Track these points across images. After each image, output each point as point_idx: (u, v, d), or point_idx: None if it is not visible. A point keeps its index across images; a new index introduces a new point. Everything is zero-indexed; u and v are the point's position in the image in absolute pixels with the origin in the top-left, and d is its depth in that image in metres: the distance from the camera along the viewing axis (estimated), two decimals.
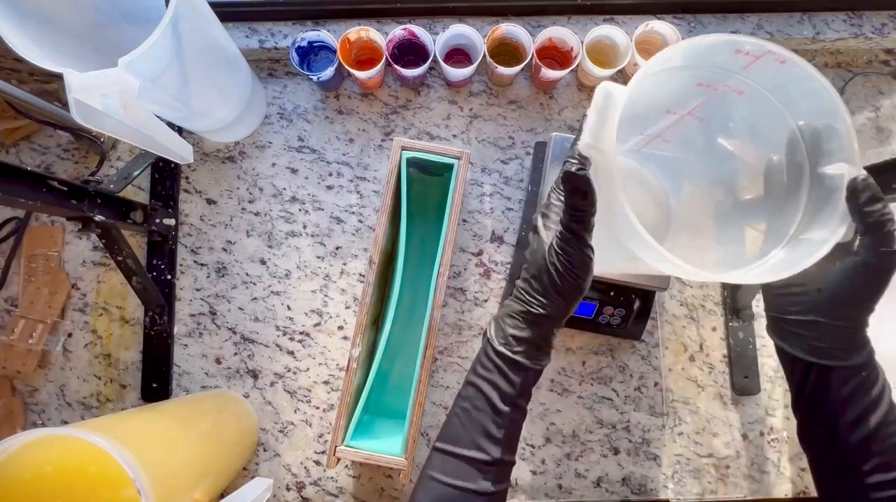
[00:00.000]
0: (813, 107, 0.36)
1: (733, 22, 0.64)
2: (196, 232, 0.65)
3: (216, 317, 0.63)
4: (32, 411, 0.62)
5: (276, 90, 0.67)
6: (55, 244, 0.64)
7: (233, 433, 0.56)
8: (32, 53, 0.41)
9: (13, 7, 0.42)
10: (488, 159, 0.66)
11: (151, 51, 0.41)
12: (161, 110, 0.52)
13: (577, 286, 0.36)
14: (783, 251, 0.37)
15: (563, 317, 0.37)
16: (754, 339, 0.62)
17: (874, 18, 0.64)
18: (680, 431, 0.61)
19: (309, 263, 0.64)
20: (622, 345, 0.62)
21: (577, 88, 0.67)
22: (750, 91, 0.39)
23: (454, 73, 0.61)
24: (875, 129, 0.66)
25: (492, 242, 0.64)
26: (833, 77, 0.67)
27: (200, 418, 0.53)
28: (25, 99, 0.53)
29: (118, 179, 0.57)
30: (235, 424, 0.58)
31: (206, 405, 0.58)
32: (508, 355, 0.37)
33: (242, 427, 0.58)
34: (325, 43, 0.63)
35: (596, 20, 0.65)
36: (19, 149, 0.67)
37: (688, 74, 0.40)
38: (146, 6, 0.53)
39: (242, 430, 0.58)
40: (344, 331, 0.63)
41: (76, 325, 0.63)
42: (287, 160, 0.66)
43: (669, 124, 0.46)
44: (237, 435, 0.57)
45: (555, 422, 0.61)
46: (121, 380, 0.63)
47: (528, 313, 0.37)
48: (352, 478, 0.60)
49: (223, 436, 0.54)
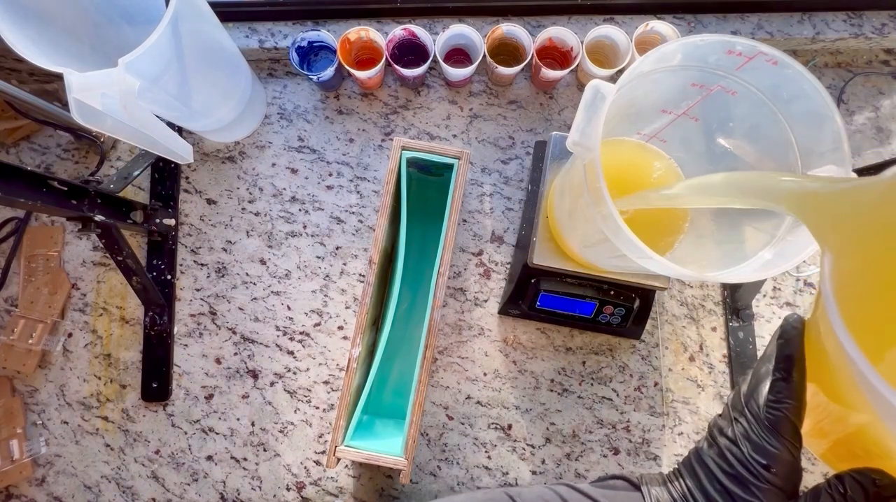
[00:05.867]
0: (805, 108, 0.36)
1: (733, 22, 0.64)
2: (196, 232, 0.65)
3: (216, 317, 0.63)
4: (32, 411, 0.62)
5: (276, 90, 0.67)
6: (55, 244, 0.64)
7: None
8: (32, 53, 0.41)
9: (13, 7, 0.42)
10: (488, 159, 0.66)
11: (151, 51, 0.41)
12: (161, 110, 0.52)
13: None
14: (770, 252, 0.37)
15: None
16: (754, 339, 0.62)
17: (874, 18, 0.64)
18: (680, 431, 0.61)
19: (309, 263, 0.64)
20: (622, 344, 0.62)
21: (577, 88, 0.67)
22: (743, 91, 0.39)
23: (454, 73, 0.62)
24: (875, 129, 0.66)
25: (492, 242, 0.64)
26: (833, 77, 0.67)
27: None
28: (25, 99, 0.53)
29: (118, 179, 0.57)
30: None
31: None
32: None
33: None
34: (325, 43, 0.63)
35: (596, 20, 0.65)
36: (19, 149, 0.67)
37: (682, 75, 0.40)
38: (146, 6, 0.53)
39: None
40: (344, 331, 0.63)
41: (76, 325, 0.63)
42: (287, 160, 0.66)
43: (665, 124, 0.46)
44: None
45: (555, 422, 0.61)
46: (121, 380, 0.63)
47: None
48: (352, 478, 0.60)
49: None
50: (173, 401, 0.62)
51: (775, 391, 0.30)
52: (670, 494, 0.35)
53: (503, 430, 0.61)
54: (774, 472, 0.30)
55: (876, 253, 0.24)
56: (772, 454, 0.30)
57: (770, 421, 0.30)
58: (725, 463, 0.32)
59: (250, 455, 0.61)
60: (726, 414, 0.34)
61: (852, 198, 0.25)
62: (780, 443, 0.30)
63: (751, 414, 0.31)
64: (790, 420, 0.30)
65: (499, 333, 0.63)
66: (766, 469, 0.30)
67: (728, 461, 0.31)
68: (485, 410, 0.61)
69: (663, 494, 0.35)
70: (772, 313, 0.63)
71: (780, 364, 0.31)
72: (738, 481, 0.31)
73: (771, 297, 0.63)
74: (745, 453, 0.31)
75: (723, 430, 0.33)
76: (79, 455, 0.61)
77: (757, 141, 0.41)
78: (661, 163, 0.49)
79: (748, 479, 0.30)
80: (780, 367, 0.31)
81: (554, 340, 0.62)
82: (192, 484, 0.60)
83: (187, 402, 0.62)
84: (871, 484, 0.27)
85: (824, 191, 0.26)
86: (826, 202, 0.26)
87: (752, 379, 0.33)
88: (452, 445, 0.60)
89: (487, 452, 0.60)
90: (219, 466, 0.61)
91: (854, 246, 0.24)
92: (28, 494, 0.61)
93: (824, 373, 0.29)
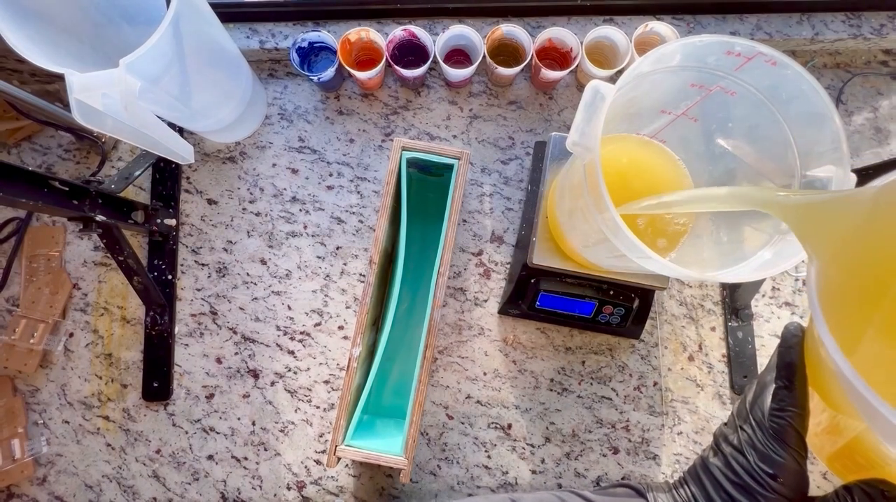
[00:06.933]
0: (804, 108, 0.36)
1: (732, 22, 0.65)
2: (197, 232, 0.65)
3: (217, 316, 0.64)
4: (34, 411, 0.62)
5: (277, 91, 0.68)
6: (56, 244, 0.65)
7: None
8: (33, 54, 0.41)
9: (14, 7, 0.42)
10: (488, 159, 0.66)
11: (152, 51, 0.41)
12: (162, 111, 0.52)
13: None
14: (769, 252, 0.37)
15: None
16: (753, 339, 0.62)
17: (873, 19, 0.65)
18: (679, 431, 0.61)
19: (309, 263, 0.64)
20: (622, 344, 0.62)
21: (576, 89, 0.67)
22: (743, 92, 0.39)
23: (454, 74, 0.62)
24: (873, 130, 0.66)
25: (492, 242, 0.64)
26: (832, 78, 0.67)
27: None
28: (27, 99, 0.54)
29: (119, 179, 0.57)
30: None
31: None
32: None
33: None
34: (326, 44, 0.63)
35: (595, 21, 0.65)
36: (21, 150, 0.67)
37: (682, 75, 0.40)
38: (147, 6, 0.53)
39: None
40: (344, 330, 0.63)
41: (77, 325, 0.64)
42: (287, 160, 0.66)
43: (664, 125, 0.47)
44: None
45: (554, 422, 0.61)
46: (122, 380, 0.63)
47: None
48: (352, 478, 0.60)
49: None
50: (174, 401, 0.62)
51: (778, 399, 0.30)
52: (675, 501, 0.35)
53: (503, 430, 0.61)
54: (781, 481, 0.30)
55: (858, 261, 0.25)
56: (778, 463, 0.30)
57: (774, 430, 0.30)
58: (731, 473, 0.32)
59: (251, 454, 0.61)
60: (731, 422, 0.34)
61: (837, 207, 0.26)
62: (786, 452, 0.30)
63: (755, 422, 0.31)
64: (794, 428, 0.30)
65: (499, 333, 0.63)
66: (772, 478, 0.30)
67: (734, 470, 0.31)
68: (485, 410, 0.61)
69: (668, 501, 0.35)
70: (771, 313, 0.63)
71: (781, 372, 0.31)
72: (745, 490, 0.31)
73: (770, 297, 0.63)
74: (751, 462, 0.31)
75: (728, 438, 0.33)
76: (80, 454, 0.61)
77: (756, 141, 0.41)
78: (663, 160, 0.49)
79: (754, 488, 0.30)
80: (782, 375, 0.31)
81: (554, 340, 0.63)
82: (192, 484, 0.61)
83: (188, 402, 0.62)
84: (879, 495, 0.27)
85: (810, 201, 0.27)
86: (812, 211, 0.26)
87: (756, 388, 0.33)
88: (452, 445, 0.61)
89: (487, 452, 0.61)
90: (219, 466, 0.61)
91: (839, 254, 0.25)
92: (29, 493, 0.61)
93: (822, 380, 0.29)
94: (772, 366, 0.32)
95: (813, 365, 0.30)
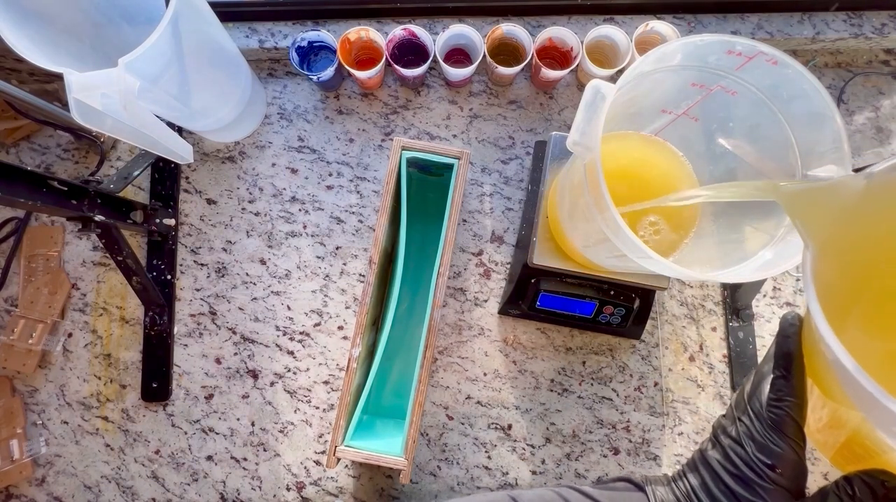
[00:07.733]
0: (805, 108, 0.36)
1: (733, 22, 0.64)
2: (196, 232, 0.65)
3: (216, 317, 0.63)
4: (32, 411, 0.62)
5: (276, 90, 0.67)
6: (55, 244, 0.64)
7: None
8: (32, 53, 0.41)
9: (13, 7, 0.42)
10: (488, 159, 0.66)
11: (151, 51, 0.41)
12: (161, 110, 0.52)
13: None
14: (770, 252, 0.37)
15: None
16: (754, 339, 0.62)
17: (874, 18, 0.64)
18: (680, 431, 0.61)
19: (309, 263, 0.64)
20: (622, 344, 0.62)
21: (577, 88, 0.67)
22: (744, 91, 0.39)
23: (454, 73, 0.62)
24: (875, 129, 0.66)
25: (492, 242, 0.64)
26: (833, 77, 0.67)
27: None
28: (25, 99, 0.53)
29: (118, 179, 0.57)
30: None
31: None
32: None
33: None
34: (325, 43, 0.63)
35: (596, 20, 0.65)
36: (19, 149, 0.67)
37: (682, 74, 0.40)
38: (146, 6, 0.53)
39: None
40: (344, 331, 0.63)
41: (76, 325, 0.63)
42: (287, 160, 0.66)
43: (665, 124, 0.46)
44: None
45: (555, 422, 0.61)
46: (121, 380, 0.63)
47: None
48: (352, 478, 0.60)
49: None
50: (173, 401, 0.62)
51: (776, 389, 0.30)
52: (674, 494, 0.35)
53: (503, 430, 0.61)
54: (780, 472, 0.29)
55: (849, 245, 0.25)
56: (776, 453, 0.30)
57: (772, 420, 0.30)
58: (730, 464, 0.31)
59: (250, 455, 0.61)
60: (729, 413, 0.34)
61: (831, 191, 0.26)
62: (784, 442, 0.29)
63: (753, 412, 0.31)
64: (792, 418, 0.30)
65: (499, 333, 0.63)
66: (771, 469, 0.30)
67: (732, 461, 0.31)
68: (485, 410, 0.61)
69: (668, 495, 0.35)
70: (772, 313, 0.63)
71: (779, 361, 0.31)
72: (743, 482, 0.31)
73: (771, 297, 0.63)
74: (749, 453, 0.30)
75: (726, 430, 0.33)
76: (79, 455, 0.61)
77: (757, 141, 0.41)
78: (666, 157, 0.49)
79: (753, 480, 0.30)
80: (780, 365, 0.31)
81: (554, 340, 0.63)
82: (192, 484, 0.60)
83: (187, 402, 0.62)
84: (879, 486, 0.27)
85: (809, 186, 0.27)
86: (807, 194, 0.27)
87: (754, 378, 0.33)
88: (452, 445, 0.60)
89: (487, 452, 0.60)
90: (219, 466, 0.61)
91: (832, 238, 0.25)
92: (28, 494, 0.61)
93: (819, 369, 0.29)
94: (769, 357, 0.32)
95: (810, 354, 0.30)
